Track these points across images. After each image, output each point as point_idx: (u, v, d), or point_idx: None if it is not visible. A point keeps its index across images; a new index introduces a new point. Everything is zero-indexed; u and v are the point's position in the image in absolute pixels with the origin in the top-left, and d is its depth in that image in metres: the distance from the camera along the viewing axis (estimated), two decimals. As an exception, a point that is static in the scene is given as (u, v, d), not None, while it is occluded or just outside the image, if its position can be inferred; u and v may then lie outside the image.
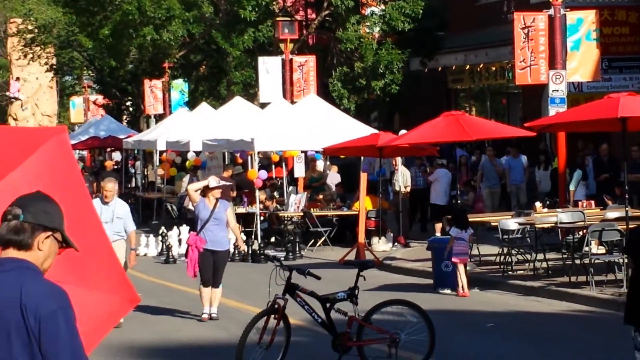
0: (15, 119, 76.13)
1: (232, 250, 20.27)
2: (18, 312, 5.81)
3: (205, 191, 19.91)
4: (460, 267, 24.37)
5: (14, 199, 13.13)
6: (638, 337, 12.49)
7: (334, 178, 37.12)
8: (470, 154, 37.78)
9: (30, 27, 64.26)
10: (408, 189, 34.45)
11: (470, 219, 29.84)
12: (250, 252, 29.89)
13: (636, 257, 12.69)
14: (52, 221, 6.15)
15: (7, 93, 76.78)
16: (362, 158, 34.80)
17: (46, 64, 66.23)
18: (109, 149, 57.35)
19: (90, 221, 13.54)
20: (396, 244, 32.71)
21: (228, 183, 20.29)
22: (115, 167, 55.31)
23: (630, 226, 22.40)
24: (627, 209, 23.21)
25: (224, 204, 19.62)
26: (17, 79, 77.59)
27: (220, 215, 19.13)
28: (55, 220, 6.17)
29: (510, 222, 26.51)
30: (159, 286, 21.42)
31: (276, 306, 16.20)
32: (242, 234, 22.44)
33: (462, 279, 24.34)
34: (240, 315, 20.02)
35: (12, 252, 6.01)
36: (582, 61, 32.03)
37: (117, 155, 59.59)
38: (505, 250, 26.60)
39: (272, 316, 16.20)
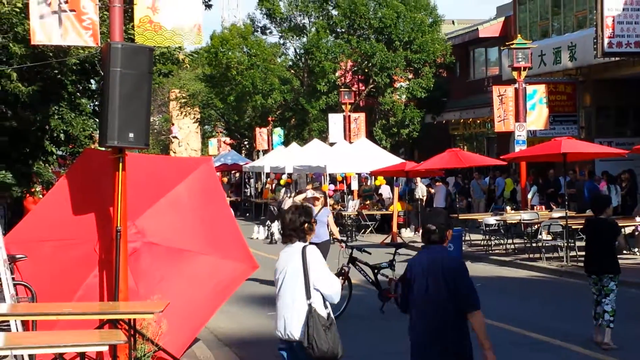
0: (174, 152, 77.05)
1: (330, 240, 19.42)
2: (441, 267, 7.77)
3: (308, 200, 19.65)
4: None
5: (179, 203, 13.46)
6: (590, 280, 13.38)
7: (385, 190, 37.14)
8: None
9: (183, 95, 65.03)
10: (425, 197, 34.58)
11: (464, 217, 30.17)
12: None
13: (587, 234, 14.03)
14: (448, 224, 8.07)
15: (170, 135, 77.34)
16: (395, 178, 34.87)
17: (194, 118, 66.76)
18: (233, 172, 57.68)
19: (228, 215, 13.84)
20: (416, 232, 32.77)
21: (320, 195, 19.95)
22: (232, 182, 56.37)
23: (568, 222, 22.65)
24: (566, 211, 23.21)
25: (325, 210, 18.71)
26: (172, 124, 78.55)
27: (322, 218, 18.06)
28: (448, 222, 8.11)
29: (490, 219, 26.43)
30: (266, 258, 21.59)
31: (343, 271, 16.37)
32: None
33: None
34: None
35: (437, 245, 7.95)
36: (537, 117, 31.91)
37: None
38: (487, 237, 26.67)
39: (341, 277, 16.31)
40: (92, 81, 19.25)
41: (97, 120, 18.55)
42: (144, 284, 11.92)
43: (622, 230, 18.05)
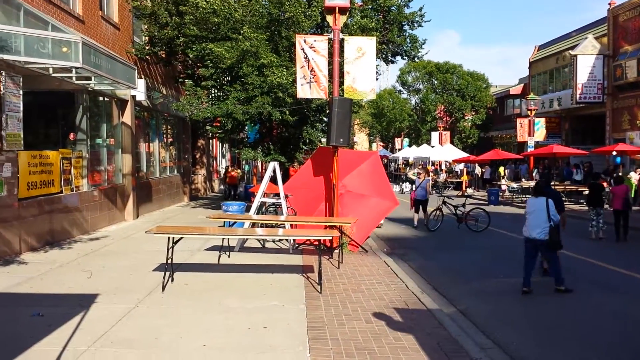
0: (356, 149, 74.49)
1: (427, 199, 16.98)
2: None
3: (418, 174, 19.04)
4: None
5: (363, 172, 13.29)
6: (590, 209, 13.79)
7: (458, 168, 36.01)
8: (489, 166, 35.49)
9: (360, 121, 64.51)
10: (480, 173, 33.20)
11: (500, 183, 28.65)
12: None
13: (589, 189, 13.92)
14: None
15: (353, 141, 68.04)
16: (463, 164, 33.65)
17: (365, 132, 66.13)
18: (383, 159, 56.12)
19: (385, 178, 13.62)
20: (475, 190, 31.39)
21: (423, 171, 19.23)
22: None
23: (555, 187, 21.15)
24: (554, 181, 21.75)
25: (426, 180, 16.99)
26: (354, 135, 75.43)
27: (424, 184, 16.77)
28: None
29: (514, 185, 25.14)
30: (400, 201, 21.32)
31: (439, 208, 16.01)
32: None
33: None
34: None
35: (541, 196, 8.52)
36: (539, 134, 29.99)
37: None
38: (512, 194, 25.26)
39: (438, 211, 16.00)
40: (322, 115, 19.57)
41: (324, 132, 18.91)
42: (345, 210, 12.11)
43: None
